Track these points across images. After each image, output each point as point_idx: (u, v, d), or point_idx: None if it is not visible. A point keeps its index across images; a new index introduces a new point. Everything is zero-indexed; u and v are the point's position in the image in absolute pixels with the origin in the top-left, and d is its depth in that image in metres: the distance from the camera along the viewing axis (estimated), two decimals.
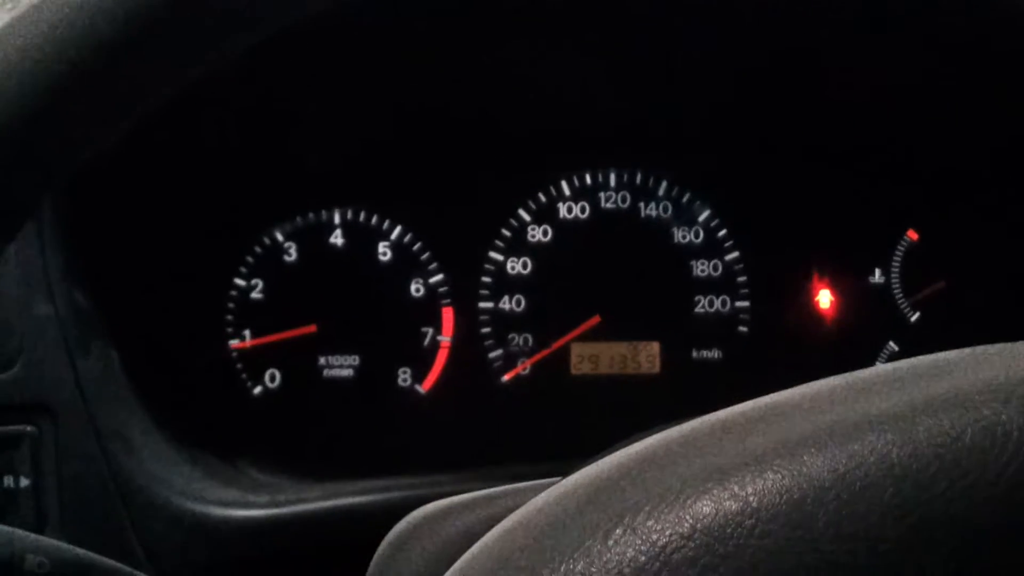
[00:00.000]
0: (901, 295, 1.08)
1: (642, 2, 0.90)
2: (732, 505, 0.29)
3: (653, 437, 0.36)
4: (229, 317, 1.06)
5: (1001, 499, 0.28)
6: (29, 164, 0.42)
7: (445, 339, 1.08)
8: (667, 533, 0.29)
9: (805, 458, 0.30)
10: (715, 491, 0.29)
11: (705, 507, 0.29)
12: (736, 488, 0.29)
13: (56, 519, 0.79)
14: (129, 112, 0.44)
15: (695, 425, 0.35)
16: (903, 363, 0.35)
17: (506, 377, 1.08)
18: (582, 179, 1.10)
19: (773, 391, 0.39)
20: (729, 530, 0.28)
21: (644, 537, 0.29)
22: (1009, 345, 0.35)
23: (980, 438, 0.29)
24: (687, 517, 0.29)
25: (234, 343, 1.06)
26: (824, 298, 1.08)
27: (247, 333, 1.06)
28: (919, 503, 0.28)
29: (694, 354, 1.09)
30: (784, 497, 0.29)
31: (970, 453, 0.29)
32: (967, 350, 0.35)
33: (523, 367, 1.08)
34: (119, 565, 0.56)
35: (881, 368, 0.35)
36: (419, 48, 0.94)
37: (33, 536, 0.55)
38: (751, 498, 0.29)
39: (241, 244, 1.06)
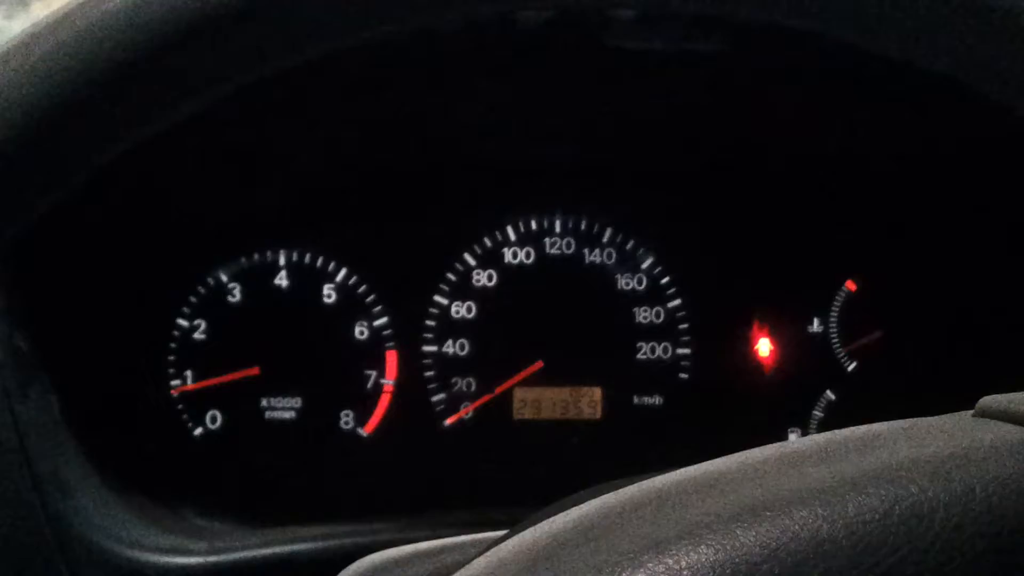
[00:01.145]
0: (839, 344, 1.10)
1: (593, 54, 0.91)
2: None
3: (590, 504, 0.36)
4: (171, 358, 1.05)
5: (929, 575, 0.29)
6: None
7: (388, 382, 1.08)
8: None
9: (738, 532, 0.30)
10: (650, 564, 0.30)
11: None
12: (671, 562, 0.30)
13: None
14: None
15: (632, 494, 0.35)
16: (834, 435, 0.36)
17: (448, 421, 1.08)
18: (527, 224, 1.11)
19: (712, 438, 0.40)
20: None
21: None
22: (937, 419, 0.36)
23: (908, 515, 0.30)
24: None
25: (175, 385, 1.05)
26: (763, 346, 1.10)
27: (189, 375, 1.05)
28: None
29: (635, 400, 1.10)
30: (717, 572, 0.29)
31: (898, 529, 0.30)
32: (897, 423, 0.36)
33: (465, 411, 1.08)
34: None
35: (812, 440, 0.36)
36: (364, 93, 0.94)
37: None
38: (684, 572, 0.29)
39: (184, 284, 1.06)
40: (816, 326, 1.11)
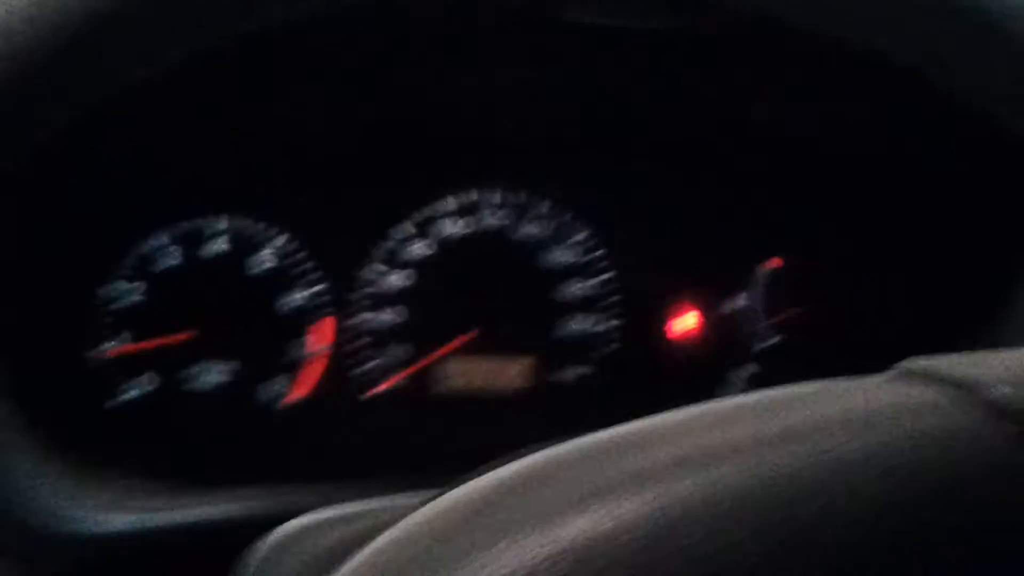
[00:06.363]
0: (763, 319, 1.13)
1: (539, 30, 0.92)
2: (608, 524, 0.31)
3: (534, 456, 0.38)
4: (106, 320, 1.05)
5: (844, 526, 0.31)
6: None
7: (324, 348, 1.09)
8: (547, 549, 0.30)
9: (675, 481, 0.32)
10: (593, 509, 0.32)
11: (584, 524, 0.31)
12: (613, 507, 0.31)
13: None
14: None
15: (574, 446, 0.37)
16: (760, 395, 0.38)
17: (380, 388, 1.10)
18: (465, 196, 1.12)
19: (640, 407, 0.41)
20: (605, 548, 0.30)
21: (526, 552, 0.31)
22: (859, 380, 0.38)
23: (830, 467, 0.32)
24: (566, 534, 0.31)
25: (109, 347, 1.05)
26: (690, 319, 1.13)
27: (122, 337, 1.05)
28: (775, 527, 0.30)
29: (565, 371, 1.12)
30: (657, 515, 0.31)
31: (816, 483, 0.31)
32: (819, 383, 0.38)
33: (396, 379, 1.10)
34: None
35: (739, 399, 0.38)
36: (309, 64, 0.95)
37: None
38: (626, 516, 0.31)
39: (121, 246, 1.05)
40: (741, 301, 1.14)
